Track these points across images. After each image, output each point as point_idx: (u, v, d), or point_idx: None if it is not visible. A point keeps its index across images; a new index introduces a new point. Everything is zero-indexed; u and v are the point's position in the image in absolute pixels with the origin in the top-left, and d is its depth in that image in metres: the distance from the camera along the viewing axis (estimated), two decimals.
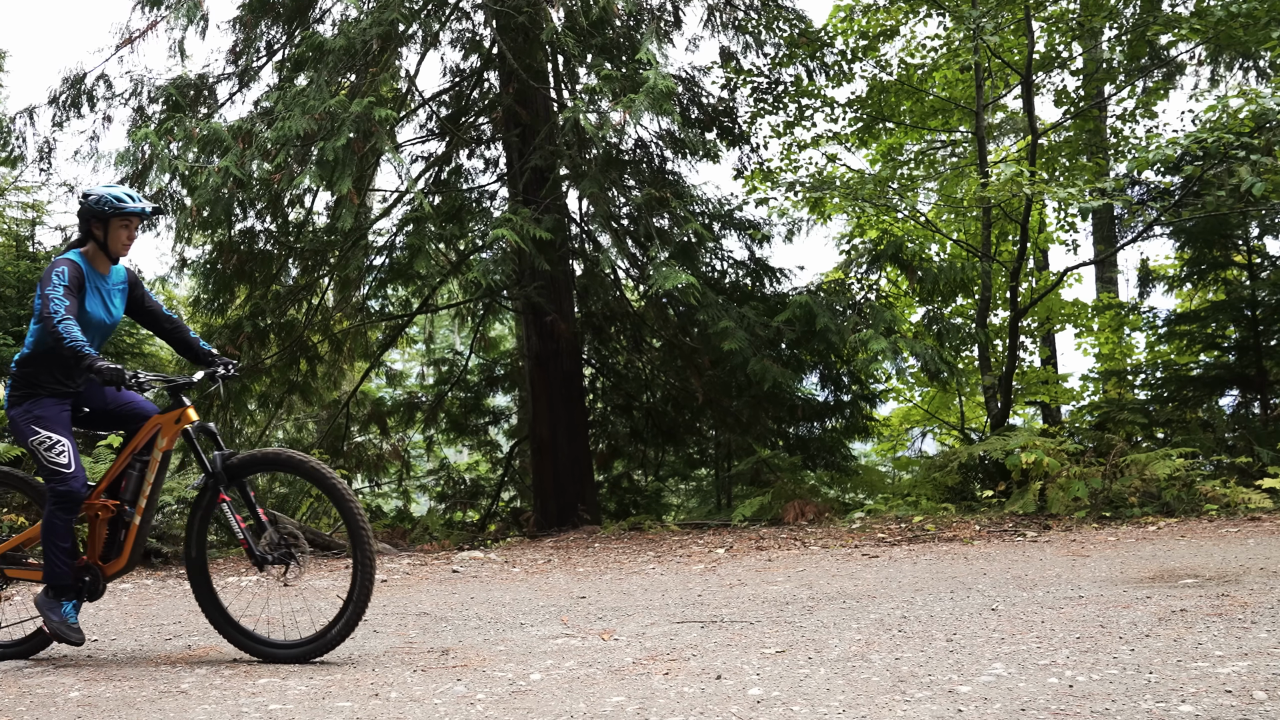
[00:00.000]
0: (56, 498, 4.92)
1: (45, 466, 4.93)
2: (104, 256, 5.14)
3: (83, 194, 5.13)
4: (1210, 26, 10.46)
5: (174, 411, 5.06)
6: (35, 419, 4.99)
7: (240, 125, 11.13)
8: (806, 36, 13.17)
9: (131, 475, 5.07)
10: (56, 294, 4.86)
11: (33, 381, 5.06)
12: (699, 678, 3.95)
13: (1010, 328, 12.09)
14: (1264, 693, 3.28)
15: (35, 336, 5.04)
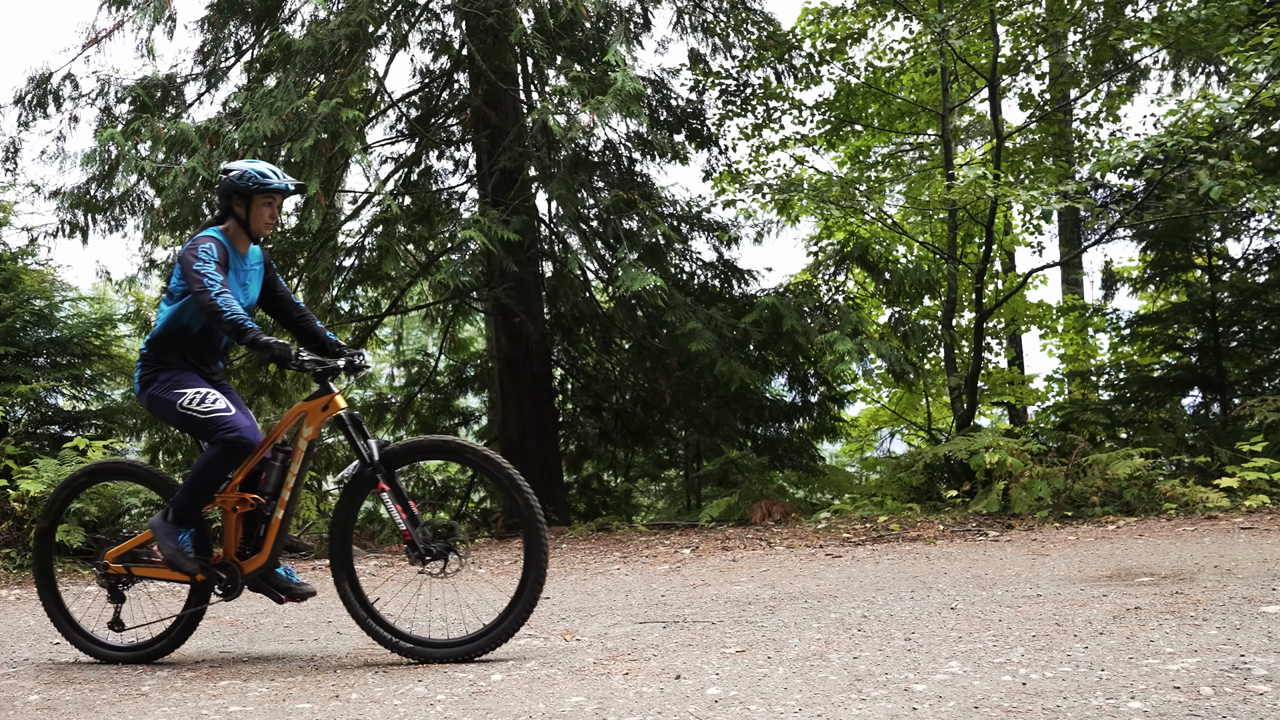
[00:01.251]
0: (225, 445, 4.72)
1: (206, 419, 4.74)
2: (244, 235, 4.98)
3: (223, 169, 4.99)
4: (1171, 32, 10.58)
5: (320, 398, 4.86)
6: (174, 383, 4.83)
7: (208, 126, 11.10)
8: (775, 39, 13.23)
9: (273, 467, 4.86)
10: (207, 269, 4.68)
11: (164, 361, 4.90)
12: (658, 678, 3.98)
13: (975, 329, 12.20)
14: (1210, 689, 3.33)
15: (168, 316, 4.88)
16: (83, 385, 13.30)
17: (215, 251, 4.74)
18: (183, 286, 4.85)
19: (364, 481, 4.79)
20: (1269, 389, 12.24)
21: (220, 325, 4.61)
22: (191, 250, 4.73)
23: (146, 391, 4.90)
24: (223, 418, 4.74)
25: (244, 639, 5.55)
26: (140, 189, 12.28)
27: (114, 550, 5.09)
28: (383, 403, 15.50)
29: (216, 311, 4.59)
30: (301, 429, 4.85)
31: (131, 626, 5.11)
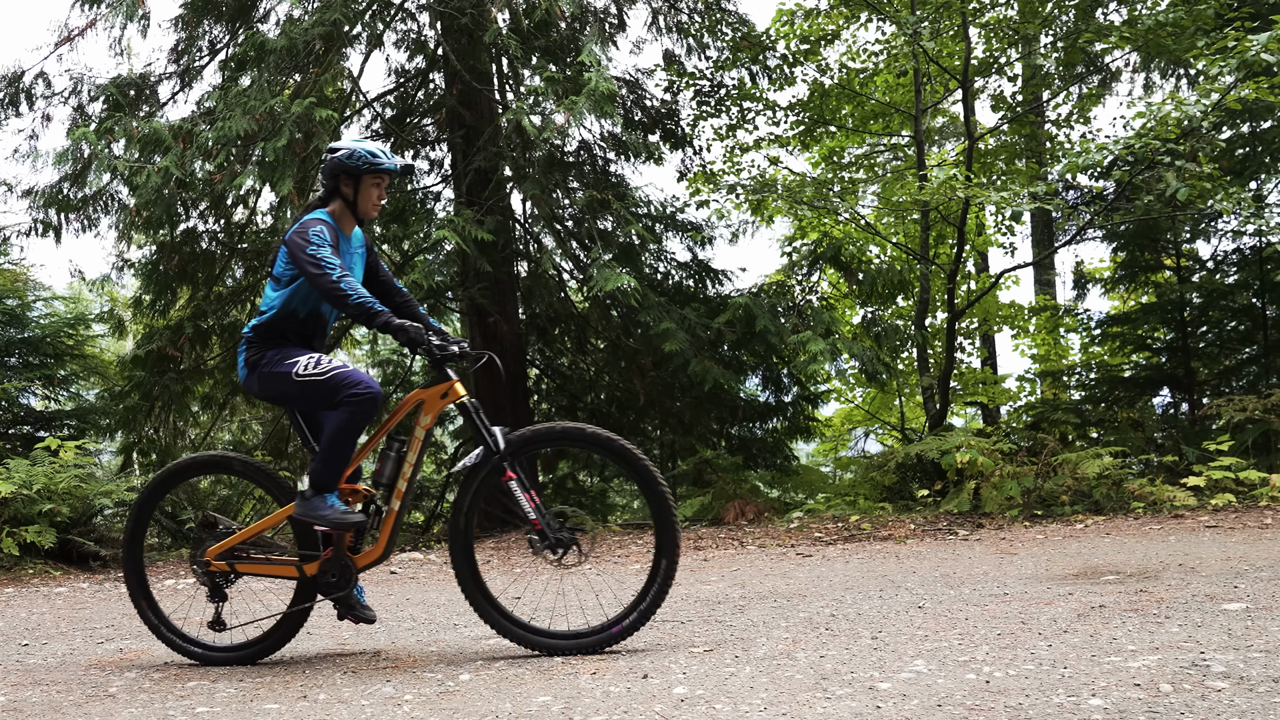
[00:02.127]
0: (355, 402, 4.53)
1: (325, 380, 4.57)
2: (351, 217, 4.86)
3: (329, 148, 4.86)
4: (1140, 35, 10.68)
5: (439, 385, 4.70)
6: (283, 356, 4.68)
7: (181, 125, 11.07)
8: (749, 40, 13.27)
9: (389, 457, 4.73)
10: (323, 252, 4.53)
11: (269, 343, 4.75)
12: (626, 677, 4.00)
13: (948, 329, 12.29)
14: (1170, 685, 3.37)
15: (277, 301, 4.73)
16: (55, 385, 13.25)
17: (327, 234, 4.61)
18: (290, 271, 4.70)
19: (490, 470, 4.67)
20: (1237, 389, 12.37)
21: (345, 309, 4.49)
22: (301, 234, 4.60)
23: (255, 374, 4.74)
24: (344, 373, 4.58)
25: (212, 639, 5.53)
26: (114, 188, 12.24)
27: (217, 546, 4.91)
28: None
29: (340, 296, 4.47)
30: (418, 417, 4.72)
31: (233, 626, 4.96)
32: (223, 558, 4.89)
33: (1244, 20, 9.73)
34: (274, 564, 4.88)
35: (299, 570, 4.79)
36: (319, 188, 5.04)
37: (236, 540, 4.90)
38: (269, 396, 4.88)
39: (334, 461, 4.61)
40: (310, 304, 4.77)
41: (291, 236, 4.62)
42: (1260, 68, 8.87)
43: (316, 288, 4.54)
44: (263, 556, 4.92)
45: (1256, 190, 11.44)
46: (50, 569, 9.22)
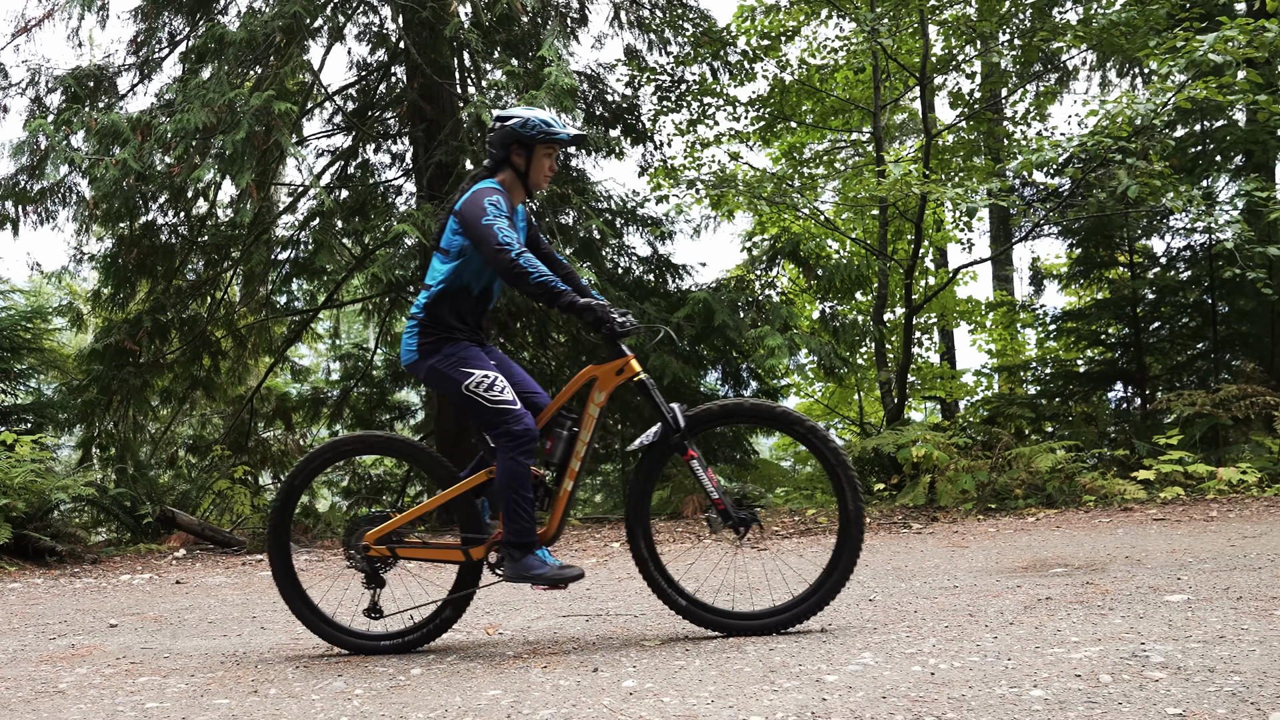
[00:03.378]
0: (513, 440, 4.39)
1: (490, 408, 4.43)
2: (521, 188, 4.68)
3: (500, 117, 4.67)
4: (1094, 34, 10.79)
5: (614, 362, 4.57)
6: (462, 360, 4.51)
7: (140, 117, 11.00)
8: (710, 35, 13.31)
9: (561, 436, 4.58)
10: (501, 224, 4.37)
11: (444, 324, 4.57)
12: (577, 670, 4.03)
13: (905, 324, 12.41)
14: (1109, 676, 3.42)
15: (447, 275, 4.56)
16: (12, 379, 13.14)
17: (503, 204, 4.46)
18: (459, 243, 4.55)
19: (669, 448, 4.58)
20: (1188, 384, 12.53)
21: (525, 287, 4.35)
22: (475, 203, 4.44)
23: (426, 362, 4.58)
24: (510, 409, 4.43)
25: (167, 634, 5.53)
26: (72, 180, 12.14)
27: (375, 531, 4.74)
28: (318, 397, 15.42)
29: (520, 274, 4.33)
30: (592, 394, 4.60)
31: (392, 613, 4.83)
32: (382, 542, 4.74)
33: (1193, 21, 9.86)
34: (438, 548, 4.77)
35: (465, 554, 4.67)
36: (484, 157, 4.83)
37: (397, 524, 4.76)
38: (432, 386, 4.77)
39: (520, 507, 4.45)
40: (484, 279, 4.64)
41: (464, 206, 4.49)
42: (1209, 68, 9.00)
43: (493, 263, 4.40)
44: (427, 542, 4.84)
45: (1207, 188, 11.60)
46: (5, 564, 9.15)
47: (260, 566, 9.01)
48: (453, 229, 4.58)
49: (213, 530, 11.08)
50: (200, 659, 4.78)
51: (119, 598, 7.38)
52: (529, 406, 4.63)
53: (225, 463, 13.38)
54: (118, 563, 9.67)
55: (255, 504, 13.05)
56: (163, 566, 9.42)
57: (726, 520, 4.53)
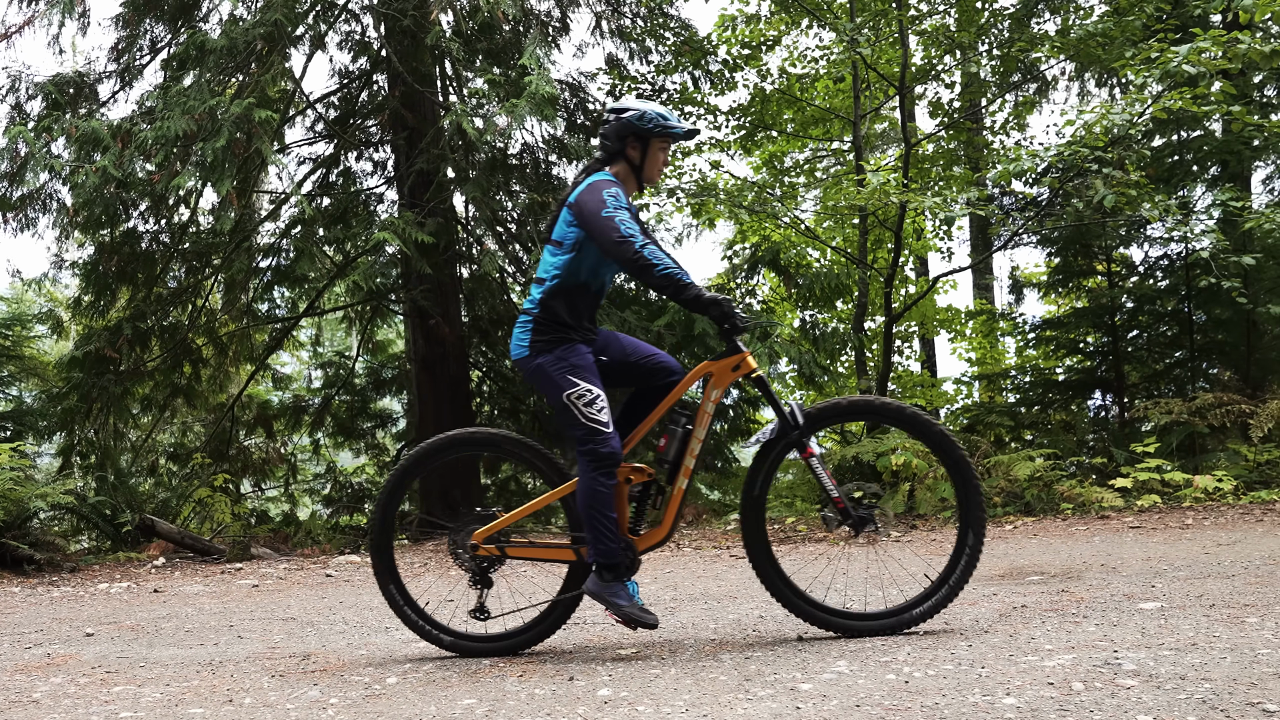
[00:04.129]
0: (597, 461, 4.36)
1: (583, 424, 4.39)
2: (634, 181, 4.63)
3: (614, 109, 4.62)
4: (1072, 45, 10.87)
5: (730, 358, 4.55)
6: (572, 368, 4.43)
7: (121, 124, 10.98)
8: (690, 45, 13.34)
9: (674, 433, 4.56)
10: (623, 216, 4.30)
11: (560, 322, 4.48)
12: (552, 679, 4.04)
13: (885, 333, 12.45)
14: (1082, 684, 3.45)
15: (563, 269, 4.49)
16: None
17: (622, 196, 4.40)
18: (574, 235, 4.48)
19: (787, 445, 4.56)
20: (1165, 392, 12.60)
21: (650, 279, 4.30)
22: (594, 195, 4.39)
23: (536, 360, 4.50)
24: (601, 431, 4.39)
25: (143, 643, 5.51)
26: (53, 187, 12.10)
27: (484, 530, 4.67)
28: (300, 404, 15.39)
29: (645, 266, 4.27)
30: (707, 390, 4.58)
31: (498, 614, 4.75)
32: (491, 541, 4.68)
33: (1168, 32, 9.94)
34: (548, 548, 4.72)
35: (576, 554, 4.62)
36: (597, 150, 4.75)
37: (506, 523, 4.70)
38: (533, 384, 4.69)
39: (603, 528, 4.42)
40: (600, 273, 4.59)
41: (581, 198, 4.44)
42: (1183, 78, 9.07)
43: (614, 255, 4.34)
44: (533, 540, 4.79)
45: (1183, 198, 11.68)
46: None
47: (238, 575, 8.99)
48: (567, 221, 4.52)
49: (192, 539, 11.05)
50: (176, 668, 4.77)
51: (96, 606, 7.36)
52: (652, 367, 4.65)
53: (206, 471, 13.35)
54: (96, 571, 9.64)
55: (236, 512, 13.01)
56: (141, 575, 9.39)
57: (845, 519, 4.55)
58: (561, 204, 4.61)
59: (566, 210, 4.53)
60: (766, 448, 4.60)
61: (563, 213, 4.56)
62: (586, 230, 4.41)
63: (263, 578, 8.61)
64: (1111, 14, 10.93)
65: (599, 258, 4.49)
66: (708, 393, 4.58)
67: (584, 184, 4.51)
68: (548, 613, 4.73)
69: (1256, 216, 9.68)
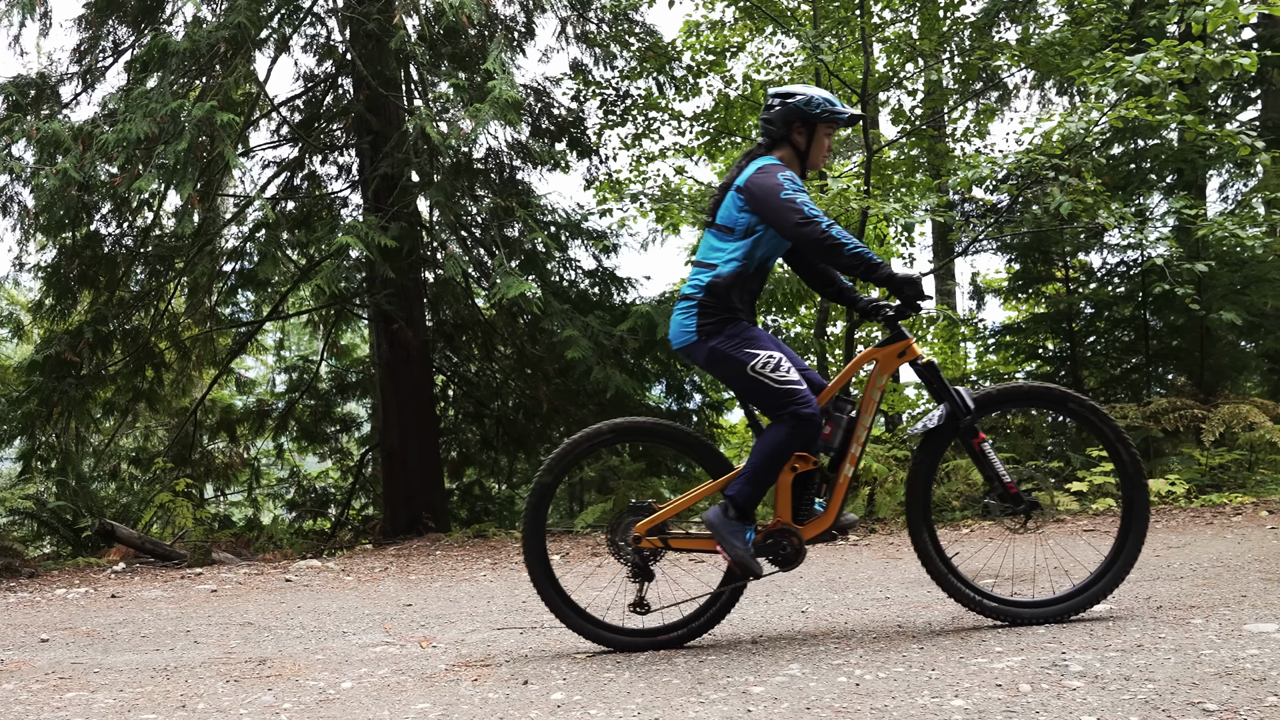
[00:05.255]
0: (800, 422, 4.28)
1: (777, 389, 4.30)
2: (798, 167, 4.56)
3: (781, 94, 4.55)
4: (1031, 53, 10.97)
5: (895, 344, 4.50)
6: (746, 341, 4.39)
7: (82, 127, 10.92)
8: (655, 50, 13.39)
9: (840, 421, 4.46)
10: (804, 197, 4.24)
11: (726, 304, 4.43)
12: (507, 683, 4.06)
13: (847, 338, 12.47)
14: (1029, 685, 3.48)
15: (738, 253, 4.44)
16: None
17: (798, 179, 4.33)
18: (746, 220, 4.44)
19: (957, 431, 4.52)
20: (1122, 397, 12.73)
21: (839, 259, 4.23)
22: (767, 178, 4.32)
23: (708, 343, 4.45)
24: (798, 391, 4.31)
25: (99, 649, 5.49)
26: (14, 189, 12.01)
27: (646, 522, 4.60)
28: (263, 409, 15.33)
29: (835, 245, 4.20)
30: (873, 377, 4.52)
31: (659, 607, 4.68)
32: (653, 533, 4.62)
33: (1123, 42, 10.06)
34: (711, 539, 4.61)
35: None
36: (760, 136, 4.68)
37: (667, 515, 4.63)
38: (712, 371, 4.57)
39: (762, 481, 4.39)
40: (770, 257, 4.54)
41: (753, 182, 4.38)
42: (1138, 88, 9.18)
43: (798, 236, 4.27)
44: (695, 532, 4.70)
45: (1140, 206, 11.82)
46: None
47: (198, 580, 8.95)
48: (737, 206, 4.46)
49: (153, 544, 10.99)
50: (130, 673, 4.75)
51: (53, 612, 7.31)
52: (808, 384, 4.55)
53: (168, 476, 13.28)
54: (55, 576, 9.57)
55: (198, 517, 12.95)
56: (100, 580, 9.33)
57: (1017, 505, 4.55)
58: (724, 189, 4.57)
59: (735, 195, 4.48)
60: (932, 436, 4.58)
61: (729, 198, 4.52)
62: (763, 214, 4.36)
63: (222, 583, 8.57)
64: (1070, 24, 11.05)
65: (771, 242, 4.48)
66: (873, 379, 4.54)
67: (750, 168, 4.47)
68: (707, 606, 4.72)
69: (1209, 224, 9.81)
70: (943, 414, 4.49)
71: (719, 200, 4.59)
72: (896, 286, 4.29)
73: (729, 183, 4.55)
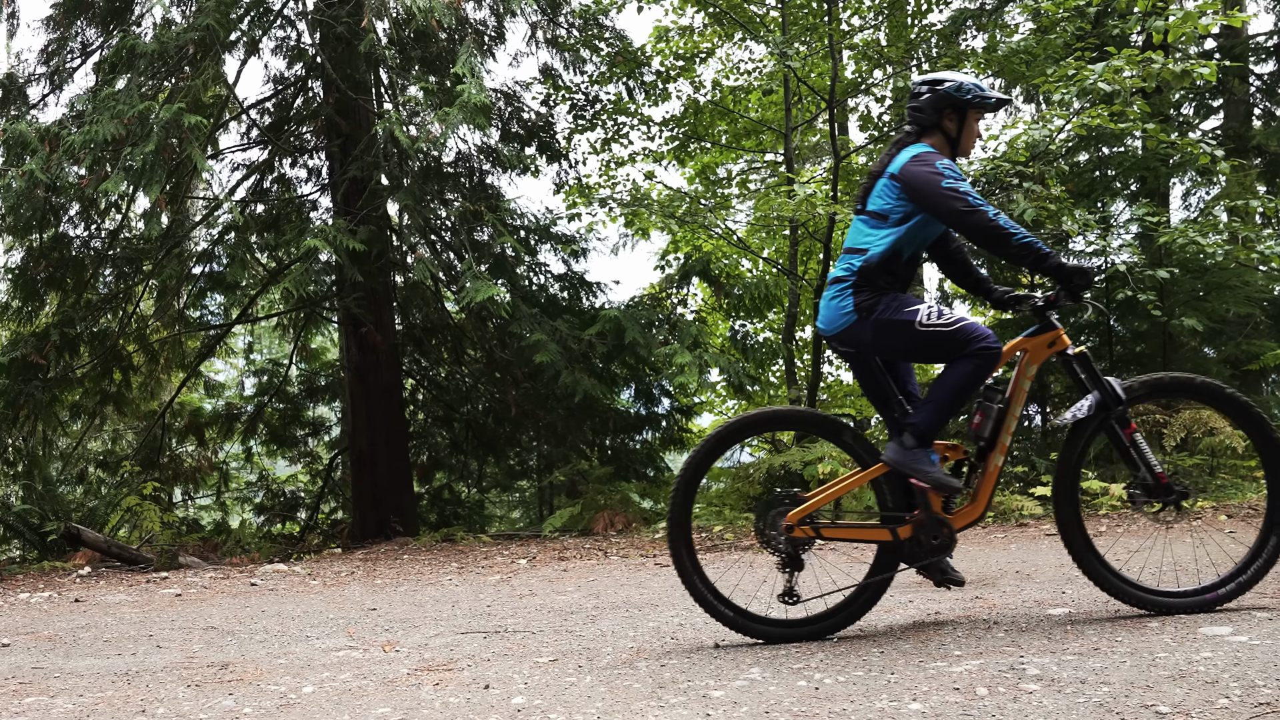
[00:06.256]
0: (983, 356, 4.29)
1: (952, 331, 4.29)
2: (948, 153, 4.54)
3: (929, 80, 4.56)
4: (997, 61, 11.07)
5: (1046, 334, 4.50)
6: (901, 303, 4.39)
7: (49, 128, 10.86)
8: (625, 55, 13.42)
9: (990, 410, 4.46)
10: (966, 185, 4.22)
11: (877, 285, 4.43)
12: (468, 688, 4.06)
13: (814, 343, 12.59)
14: (986, 689, 3.51)
15: (890, 240, 4.42)
16: None
17: (956, 167, 4.34)
18: (902, 207, 4.43)
19: (1104, 422, 4.50)
20: None
21: (1006, 248, 4.23)
22: (924, 166, 4.33)
23: (871, 318, 4.41)
24: (970, 325, 4.31)
25: (60, 654, 5.46)
26: None
27: (798, 511, 4.56)
28: (232, 412, 15.27)
29: (1003, 234, 4.21)
30: (1022, 367, 4.52)
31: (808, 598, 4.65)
32: (804, 523, 4.58)
33: (1087, 51, 10.17)
34: (863, 528, 4.65)
35: (892, 534, 4.57)
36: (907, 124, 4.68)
37: (818, 504, 4.60)
38: (880, 347, 4.53)
39: (947, 412, 4.39)
40: (922, 244, 4.55)
41: (908, 170, 4.38)
42: (1100, 96, 9.27)
43: (962, 224, 4.28)
44: (854, 524, 4.72)
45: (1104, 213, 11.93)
46: None
47: (163, 584, 8.91)
48: (892, 194, 4.46)
49: (119, 548, 10.92)
50: (91, 678, 4.73)
51: (15, 616, 7.26)
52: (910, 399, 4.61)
53: (136, 479, 13.20)
54: (19, 581, 9.51)
55: (165, 520, 12.87)
56: (65, 584, 9.27)
57: (1168, 494, 4.50)
58: (874, 177, 4.57)
59: (889, 182, 4.47)
60: (1081, 426, 4.55)
61: (880, 185, 4.52)
62: (922, 202, 4.36)
63: (187, 587, 8.53)
64: (1036, 33, 11.16)
65: (925, 229, 4.49)
66: (1023, 369, 4.54)
67: (903, 156, 4.47)
68: (855, 596, 4.70)
69: (1170, 232, 9.91)
70: (1092, 403, 4.48)
71: (868, 188, 4.59)
72: (1066, 277, 4.29)
73: (880, 170, 4.56)
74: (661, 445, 13.87)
